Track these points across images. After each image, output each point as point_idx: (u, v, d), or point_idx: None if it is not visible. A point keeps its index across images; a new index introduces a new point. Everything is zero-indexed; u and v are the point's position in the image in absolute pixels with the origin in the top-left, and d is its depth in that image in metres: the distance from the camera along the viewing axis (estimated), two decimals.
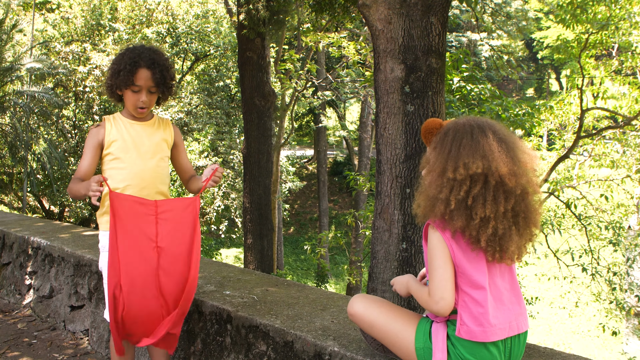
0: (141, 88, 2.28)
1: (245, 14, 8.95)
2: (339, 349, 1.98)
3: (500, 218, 1.60)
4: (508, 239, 1.61)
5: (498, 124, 1.72)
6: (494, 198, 1.60)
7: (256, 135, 9.86)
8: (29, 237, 4.11)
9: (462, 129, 1.67)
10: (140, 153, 2.32)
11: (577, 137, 9.70)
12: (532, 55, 38.77)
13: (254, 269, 9.81)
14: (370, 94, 18.29)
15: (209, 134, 15.61)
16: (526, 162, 1.66)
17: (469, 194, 1.60)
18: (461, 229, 1.61)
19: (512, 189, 1.60)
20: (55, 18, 17.67)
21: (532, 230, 1.67)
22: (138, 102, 2.30)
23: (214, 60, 18.73)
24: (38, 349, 3.30)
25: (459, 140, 1.65)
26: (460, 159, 1.62)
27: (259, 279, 3.01)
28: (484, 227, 1.59)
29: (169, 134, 2.45)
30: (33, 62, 14.01)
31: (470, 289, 1.63)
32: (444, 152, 1.67)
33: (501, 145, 1.63)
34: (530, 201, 1.65)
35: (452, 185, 1.62)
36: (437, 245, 1.66)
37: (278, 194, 16.40)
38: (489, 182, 1.60)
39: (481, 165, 1.59)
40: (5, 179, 16.41)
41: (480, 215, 1.59)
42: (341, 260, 23.15)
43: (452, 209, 1.61)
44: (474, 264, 1.64)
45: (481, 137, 1.64)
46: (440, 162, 1.67)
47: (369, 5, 3.28)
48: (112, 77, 2.28)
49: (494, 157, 1.60)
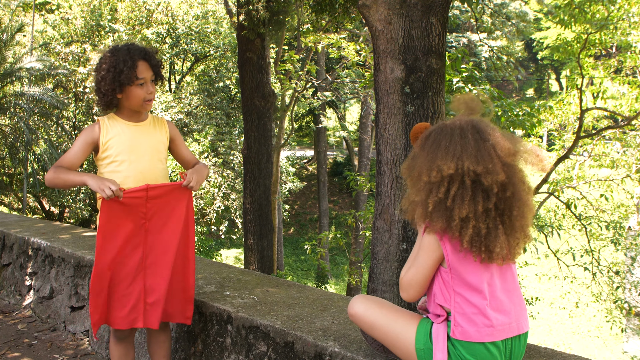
0: (145, 80, 2.28)
1: (245, 15, 8.95)
2: (339, 349, 1.98)
3: (482, 217, 1.59)
4: (494, 239, 1.60)
5: (485, 121, 1.71)
6: (472, 198, 1.60)
7: (256, 136, 9.86)
8: (29, 238, 4.11)
9: (444, 131, 1.68)
10: (138, 156, 2.31)
11: (577, 137, 9.69)
12: (532, 55, 38.80)
13: (254, 269, 9.81)
14: (370, 95, 18.30)
15: (209, 135, 15.61)
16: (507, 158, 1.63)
17: (448, 195, 1.61)
18: (442, 230, 1.62)
19: (489, 187, 1.60)
20: (55, 19, 17.68)
21: (522, 228, 1.65)
22: (146, 94, 2.29)
23: (213, 61, 18.74)
24: (38, 350, 3.30)
25: (437, 143, 1.65)
26: (435, 161, 1.63)
27: (259, 279, 3.01)
28: (465, 227, 1.59)
29: (165, 134, 2.45)
30: (33, 63, 14.01)
31: (464, 290, 1.64)
32: (423, 155, 1.68)
33: (481, 144, 1.62)
34: (517, 199, 1.63)
35: (430, 188, 1.63)
36: (425, 248, 1.68)
37: (278, 195, 16.40)
38: (465, 182, 1.60)
39: (453, 166, 1.59)
40: (5, 179, 16.42)
41: (460, 216, 1.59)
42: (341, 260, 23.16)
43: (431, 211, 1.62)
44: (468, 266, 1.64)
45: (460, 137, 1.63)
46: (417, 166, 1.68)
47: (369, 6, 3.28)
48: (113, 80, 2.23)
49: (469, 156, 1.59)
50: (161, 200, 2.27)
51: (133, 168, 2.29)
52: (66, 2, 18.02)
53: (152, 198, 2.25)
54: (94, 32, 16.77)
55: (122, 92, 2.27)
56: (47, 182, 2.24)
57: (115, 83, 2.23)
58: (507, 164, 1.63)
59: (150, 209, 2.25)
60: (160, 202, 2.27)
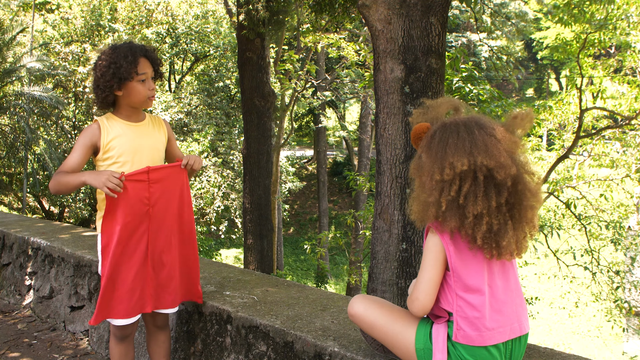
0: (147, 76, 2.28)
1: (245, 15, 8.95)
2: (339, 349, 1.99)
3: (495, 213, 1.58)
4: (504, 234, 1.59)
5: (485, 117, 1.70)
6: (484, 193, 1.58)
7: (256, 136, 9.86)
8: (29, 237, 4.11)
9: (449, 129, 1.66)
10: (140, 156, 2.31)
11: (577, 137, 9.70)
12: (532, 55, 38.81)
13: (254, 269, 9.81)
14: (369, 95, 18.29)
15: (208, 135, 15.61)
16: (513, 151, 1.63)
17: (460, 193, 1.59)
18: (457, 229, 1.61)
19: (502, 182, 1.59)
20: (55, 19, 17.68)
21: (531, 220, 1.64)
22: (148, 91, 2.29)
23: (213, 61, 18.74)
24: (38, 350, 3.30)
25: (445, 141, 1.64)
26: (446, 159, 1.61)
27: (259, 279, 3.01)
28: (479, 224, 1.58)
29: (164, 133, 2.45)
30: (33, 63, 14.01)
31: (466, 293, 1.63)
32: (431, 154, 1.66)
33: (487, 139, 1.61)
34: (525, 191, 1.62)
35: (442, 186, 1.62)
36: (430, 249, 1.66)
37: (278, 195, 16.40)
38: (478, 177, 1.58)
39: (467, 162, 1.58)
40: (5, 179, 16.42)
41: (473, 213, 1.58)
42: (341, 260, 23.16)
43: (444, 211, 1.61)
44: (472, 267, 1.63)
45: (467, 134, 1.62)
46: (428, 165, 1.66)
47: (368, 6, 3.28)
48: (113, 76, 2.20)
49: (480, 152, 1.58)
50: (162, 184, 2.28)
51: (135, 169, 2.29)
52: (66, 2, 18.02)
53: (154, 182, 2.25)
54: (94, 32, 16.77)
55: (121, 89, 2.25)
56: (51, 190, 2.24)
57: (115, 79, 2.21)
58: (514, 157, 1.62)
59: (154, 193, 2.25)
60: (162, 186, 2.28)
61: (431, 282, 1.65)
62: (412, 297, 1.68)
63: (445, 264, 1.66)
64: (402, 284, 3.32)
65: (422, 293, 1.66)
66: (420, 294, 1.66)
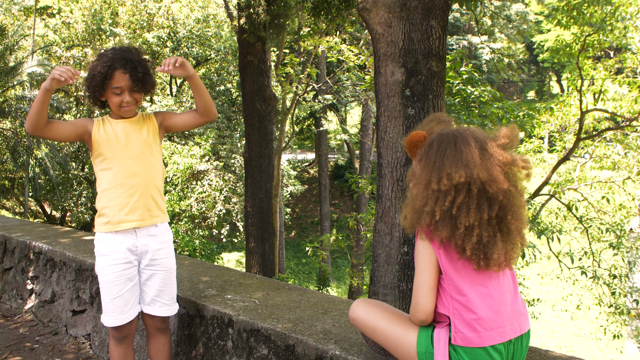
0: (122, 89, 2.30)
1: (246, 18, 8.97)
2: (340, 352, 1.98)
3: (485, 225, 1.61)
4: (492, 246, 1.62)
5: (480, 130, 1.74)
6: (477, 206, 1.61)
7: (257, 139, 9.86)
8: (31, 242, 4.11)
9: (446, 139, 1.68)
10: (129, 151, 2.35)
11: (578, 139, 9.69)
12: (533, 58, 38.82)
13: (256, 273, 9.81)
14: (370, 98, 18.29)
15: (210, 138, 15.62)
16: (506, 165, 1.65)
17: (454, 204, 1.62)
18: (447, 238, 1.63)
19: (494, 195, 1.62)
20: (56, 23, 17.72)
21: (518, 231, 1.67)
22: (122, 102, 2.32)
23: (214, 65, 18.77)
24: (40, 354, 3.30)
25: (443, 151, 1.66)
26: (443, 169, 1.63)
27: (261, 283, 3.01)
28: (469, 236, 1.60)
29: (153, 126, 2.46)
30: (34, 67, 14.05)
31: (461, 295, 1.64)
32: (429, 164, 1.68)
33: (482, 152, 1.64)
34: (514, 206, 1.65)
35: (437, 196, 1.64)
36: (421, 252, 1.68)
37: (279, 198, 16.39)
38: (472, 190, 1.61)
39: (464, 174, 1.61)
40: (7, 184, 16.43)
41: (465, 224, 1.60)
42: (343, 263, 23.14)
43: (437, 220, 1.63)
44: (464, 271, 1.65)
45: (464, 146, 1.64)
46: (425, 174, 1.68)
47: (369, 9, 3.29)
48: (92, 86, 2.29)
49: (475, 165, 1.61)
50: None
51: (124, 164, 2.33)
52: (67, 6, 18.08)
53: None
54: (95, 36, 16.81)
55: (102, 96, 2.34)
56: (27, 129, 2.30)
57: (90, 90, 2.32)
58: (506, 172, 1.65)
59: None
60: None
61: (427, 285, 1.67)
62: (413, 304, 1.70)
63: (438, 266, 1.68)
64: (403, 287, 3.31)
65: (421, 297, 1.67)
66: (419, 298, 1.67)
